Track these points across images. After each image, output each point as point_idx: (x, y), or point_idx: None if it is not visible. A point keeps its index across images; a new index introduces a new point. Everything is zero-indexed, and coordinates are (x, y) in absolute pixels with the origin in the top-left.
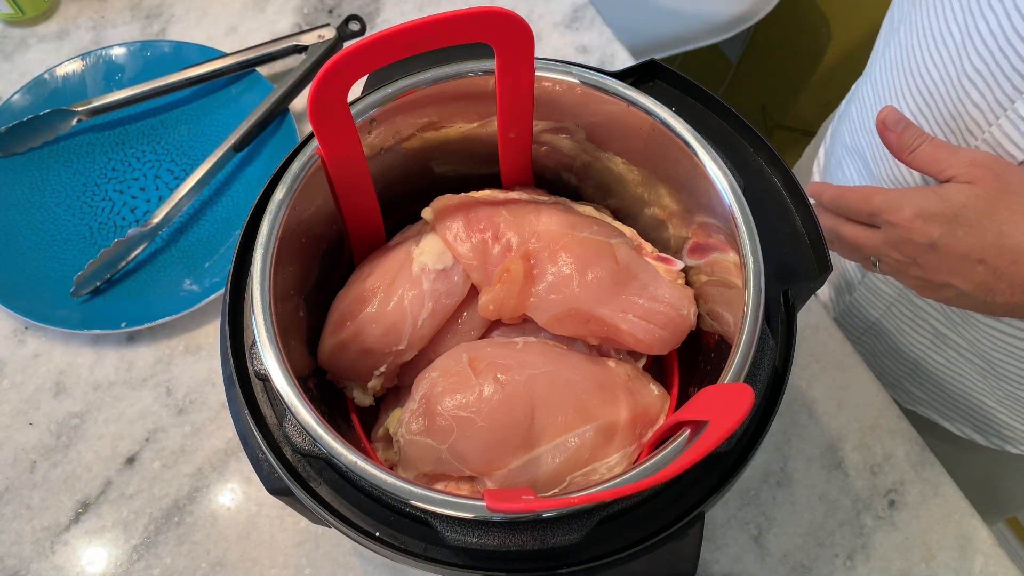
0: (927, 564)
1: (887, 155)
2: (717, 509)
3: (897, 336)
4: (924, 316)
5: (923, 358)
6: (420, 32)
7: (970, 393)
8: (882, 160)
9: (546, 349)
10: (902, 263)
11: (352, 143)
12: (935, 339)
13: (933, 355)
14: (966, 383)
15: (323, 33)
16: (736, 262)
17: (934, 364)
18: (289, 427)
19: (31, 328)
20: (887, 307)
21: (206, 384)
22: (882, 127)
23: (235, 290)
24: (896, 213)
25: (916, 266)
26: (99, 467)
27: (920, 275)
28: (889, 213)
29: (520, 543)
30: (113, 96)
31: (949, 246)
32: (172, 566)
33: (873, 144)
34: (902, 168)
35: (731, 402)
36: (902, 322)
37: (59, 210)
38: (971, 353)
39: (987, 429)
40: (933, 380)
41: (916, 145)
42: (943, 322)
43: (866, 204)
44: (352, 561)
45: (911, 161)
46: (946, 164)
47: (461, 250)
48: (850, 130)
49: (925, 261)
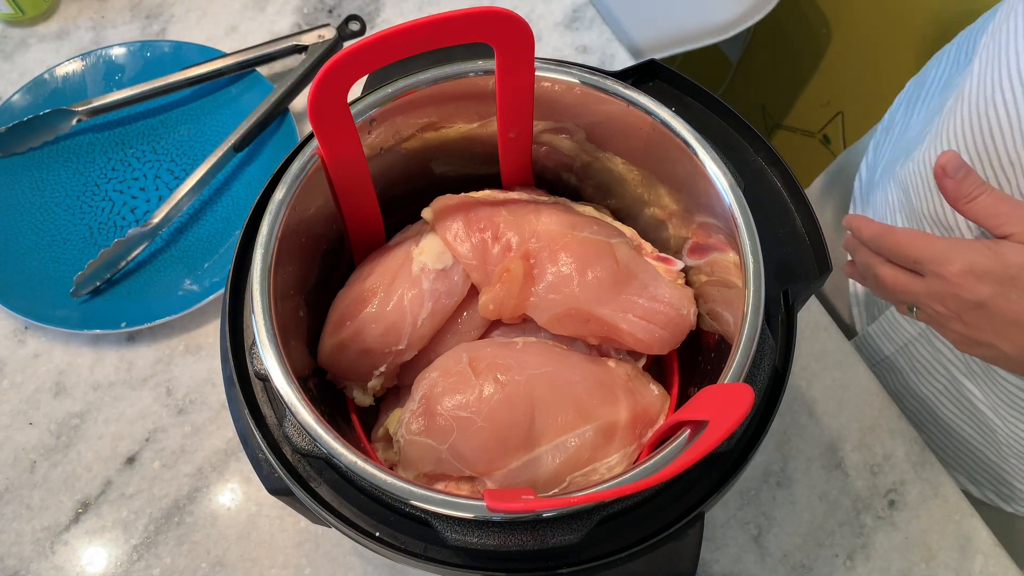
0: (927, 564)
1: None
2: (717, 509)
3: (909, 375)
4: (943, 361)
5: (933, 401)
6: (420, 32)
7: (973, 444)
8: (927, 198)
9: (546, 349)
10: (944, 316)
11: (352, 143)
12: (950, 385)
13: (945, 401)
14: (972, 434)
15: (323, 33)
16: (736, 262)
17: (943, 410)
18: (289, 427)
19: (31, 328)
20: (904, 344)
21: (206, 384)
22: (940, 172)
23: (235, 290)
24: (945, 265)
25: (959, 321)
26: (99, 467)
27: (962, 331)
28: (937, 264)
29: (520, 543)
30: (113, 96)
31: (999, 307)
32: (172, 566)
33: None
34: (947, 210)
35: (731, 402)
36: (917, 362)
37: (59, 210)
38: (986, 407)
39: (983, 481)
40: (939, 425)
41: (975, 195)
42: (962, 370)
43: (911, 250)
44: (352, 561)
45: (968, 211)
46: (1005, 219)
47: (461, 250)
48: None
49: (970, 318)
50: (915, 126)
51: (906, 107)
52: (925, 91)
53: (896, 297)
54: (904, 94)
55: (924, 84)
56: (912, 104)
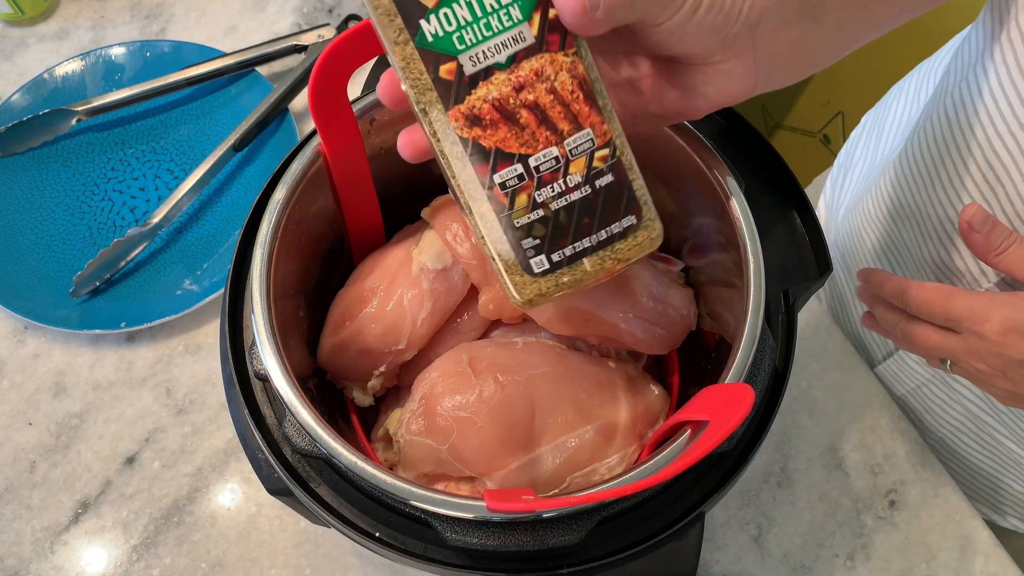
0: (927, 564)
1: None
2: (717, 509)
3: (923, 415)
4: (962, 400)
5: (950, 438)
6: None
7: (995, 475)
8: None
9: (546, 349)
10: (986, 374)
11: (352, 136)
12: (968, 421)
13: (964, 437)
14: (993, 466)
15: (323, 33)
16: (736, 262)
17: (961, 445)
18: (289, 427)
19: (31, 328)
20: (916, 386)
21: (206, 384)
22: (967, 227)
23: (235, 290)
24: (983, 324)
25: (1004, 379)
26: (99, 467)
27: (1008, 388)
28: (975, 323)
29: (520, 543)
30: (113, 96)
31: None
32: (172, 566)
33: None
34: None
35: (731, 402)
36: (932, 403)
37: (59, 210)
38: (1011, 441)
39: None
40: (957, 458)
41: (1005, 247)
42: (985, 409)
43: (944, 309)
44: (352, 561)
45: (998, 263)
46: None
47: (460, 250)
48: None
49: (1016, 375)
50: (879, 166)
51: (865, 144)
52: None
53: (929, 355)
54: (862, 129)
55: (884, 121)
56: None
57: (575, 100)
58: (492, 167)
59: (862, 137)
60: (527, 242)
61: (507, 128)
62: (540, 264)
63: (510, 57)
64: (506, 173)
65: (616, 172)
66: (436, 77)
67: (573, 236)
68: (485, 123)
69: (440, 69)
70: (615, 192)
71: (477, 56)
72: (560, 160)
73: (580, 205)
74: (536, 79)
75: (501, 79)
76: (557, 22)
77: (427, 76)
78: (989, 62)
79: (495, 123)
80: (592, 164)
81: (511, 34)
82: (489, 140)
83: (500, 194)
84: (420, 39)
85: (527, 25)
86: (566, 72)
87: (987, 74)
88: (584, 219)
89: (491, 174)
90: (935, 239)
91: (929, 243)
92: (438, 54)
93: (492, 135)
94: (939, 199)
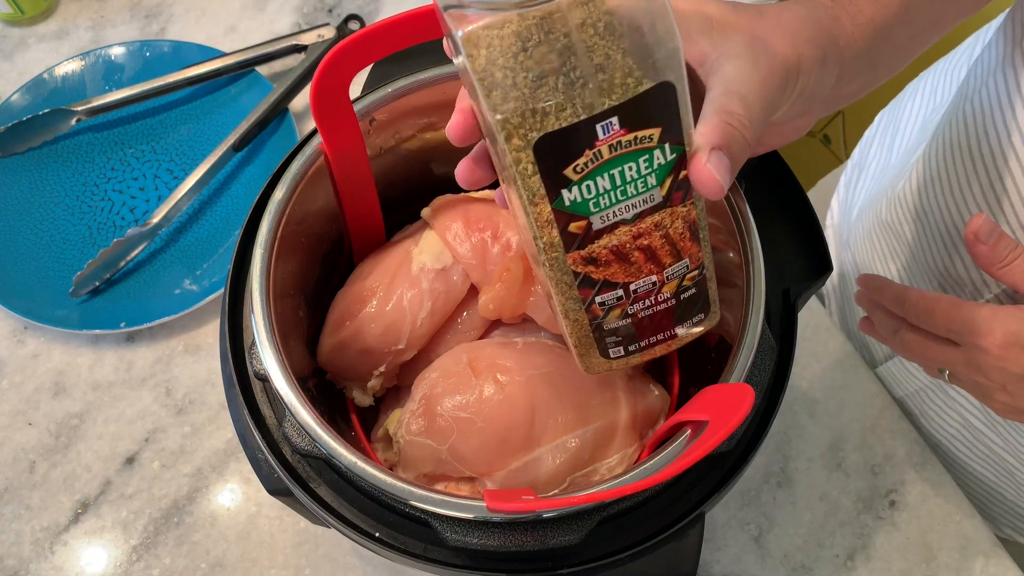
0: (928, 564)
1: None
2: (717, 509)
3: (919, 418)
4: (958, 408)
5: (945, 445)
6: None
7: (989, 483)
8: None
9: (546, 349)
10: (986, 387)
11: (354, 136)
12: (964, 430)
13: (959, 444)
14: (988, 475)
15: (323, 32)
16: (736, 262)
17: (956, 453)
18: (289, 427)
19: (30, 328)
20: (915, 391)
21: (206, 384)
22: (972, 238)
23: (235, 290)
24: (985, 337)
25: (1004, 393)
26: (98, 467)
27: (1008, 401)
28: (976, 336)
29: (520, 543)
30: (112, 96)
31: None
32: (171, 566)
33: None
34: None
35: (731, 402)
36: (928, 408)
37: (58, 210)
38: (1006, 452)
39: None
40: (953, 463)
41: (1011, 259)
42: (981, 419)
43: (945, 320)
44: (352, 561)
45: (1003, 276)
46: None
47: (460, 250)
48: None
49: (1016, 389)
50: (895, 166)
51: (880, 143)
52: (902, 128)
53: (927, 364)
54: (876, 127)
55: (899, 120)
56: (888, 140)
57: (682, 239)
58: (596, 292)
59: (876, 136)
60: (611, 339)
61: (618, 265)
62: (617, 353)
63: (636, 214)
64: (607, 296)
65: (699, 285)
66: (564, 230)
67: (651, 334)
68: (600, 263)
69: (571, 225)
70: (695, 300)
71: (607, 216)
72: (656, 284)
73: (664, 314)
74: (655, 229)
75: (623, 230)
76: (684, 181)
77: (556, 230)
78: (1009, 69)
79: (609, 263)
80: (682, 284)
81: (642, 197)
82: (599, 274)
83: (597, 308)
84: (558, 203)
85: (658, 189)
86: (681, 220)
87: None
88: (664, 322)
89: (593, 296)
90: (940, 246)
91: (934, 249)
92: (571, 214)
93: (603, 271)
94: (946, 205)
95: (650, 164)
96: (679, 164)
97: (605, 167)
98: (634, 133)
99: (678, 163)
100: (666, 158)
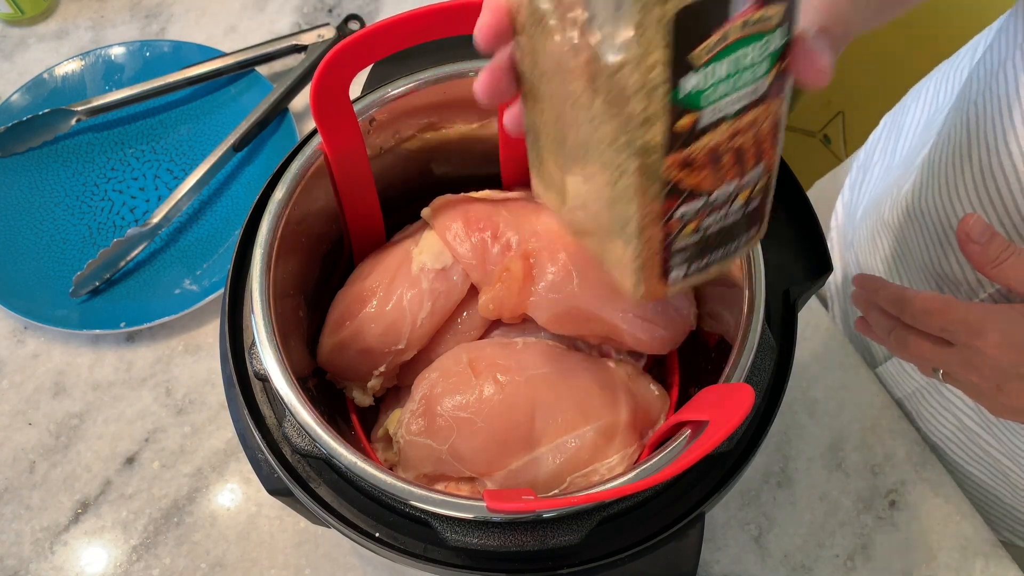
0: (928, 564)
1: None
2: (717, 509)
3: (915, 419)
4: (953, 411)
5: (941, 447)
6: (424, 20)
7: (986, 486)
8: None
9: (546, 349)
10: (980, 386)
11: (354, 136)
12: (959, 432)
13: (954, 447)
14: (984, 479)
15: (323, 32)
16: (736, 262)
17: (952, 455)
18: (289, 427)
19: (30, 328)
20: (912, 392)
21: (206, 384)
22: (964, 238)
23: (235, 290)
24: (979, 337)
25: (999, 391)
26: (98, 467)
27: (1003, 400)
28: (970, 336)
29: (520, 543)
30: (112, 96)
31: None
32: (171, 566)
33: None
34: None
35: (731, 402)
36: (924, 409)
37: (58, 210)
38: (1001, 454)
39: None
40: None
41: (1003, 259)
42: (976, 420)
43: (940, 319)
44: (352, 561)
45: (996, 275)
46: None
47: (460, 250)
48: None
49: (1011, 389)
50: (897, 168)
51: (884, 145)
52: (905, 130)
53: (922, 363)
54: (881, 130)
55: (903, 123)
56: (891, 143)
57: (766, 140)
58: (680, 203)
59: (881, 138)
60: (676, 259)
61: (709, 170)
62: (676, 277)
63: (740, 109)
64: (689, 208)
65: (764, 194)
66: (670, 128)
67: (713, 251)
68: (695, 167)
69: (680, 122)
70: (757, 212)
71: (716, 110)
72: (733, 192)
73: (731, 227)
74: (749, 127)
75: (723, 128)
76: (785, 71)
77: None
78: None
79: (702, 167)
80: (752, 193)
81: (751, 88)
82: (689, 182)
83: (675, 223)
84: (674, 94)
85: (765, 79)
86: (771, 118)
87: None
88: (726, 236)
89: (676, 208)
90: (938, 246)
91: (931, 248)
92: (684, 108)
93: (694, 177)
94: (945, 206)
95: (764, 49)
96: (785, 51)
97: (728, 50)
98: (762, 10)
99: (785, 50)
100: (778, 43)
